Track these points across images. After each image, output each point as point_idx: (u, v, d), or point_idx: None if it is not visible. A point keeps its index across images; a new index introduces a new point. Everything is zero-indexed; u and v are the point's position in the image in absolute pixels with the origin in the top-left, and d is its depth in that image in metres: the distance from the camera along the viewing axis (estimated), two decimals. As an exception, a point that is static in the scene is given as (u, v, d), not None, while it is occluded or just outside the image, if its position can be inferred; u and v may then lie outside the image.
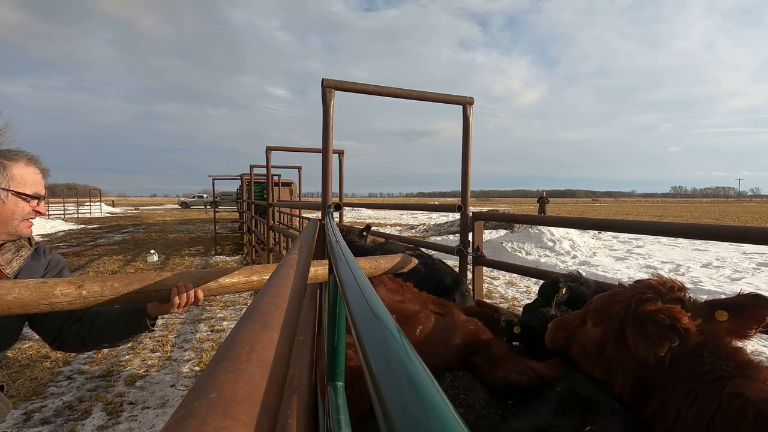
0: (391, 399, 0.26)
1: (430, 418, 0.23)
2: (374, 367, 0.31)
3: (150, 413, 3.55)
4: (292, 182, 15.32)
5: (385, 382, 0.28)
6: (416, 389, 0.26)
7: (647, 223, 1.93)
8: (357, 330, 0.40)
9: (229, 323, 5.88)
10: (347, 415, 0.84)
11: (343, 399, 0.91)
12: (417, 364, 0.30)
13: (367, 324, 0.41)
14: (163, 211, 47.42)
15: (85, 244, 15.20)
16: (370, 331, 0.39)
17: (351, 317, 0.46)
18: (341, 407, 0.87)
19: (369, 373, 0.31)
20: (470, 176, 2.94)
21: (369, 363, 0.32)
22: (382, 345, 0.35)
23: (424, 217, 29.61)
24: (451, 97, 2.84)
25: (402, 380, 0.28)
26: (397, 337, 0.36)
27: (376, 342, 0.36)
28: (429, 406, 0.24)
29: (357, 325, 0.42)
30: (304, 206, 7.16)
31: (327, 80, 2.44)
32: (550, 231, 12.13)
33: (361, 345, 0.37)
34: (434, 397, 0.25)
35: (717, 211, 44.73)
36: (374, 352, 0.34)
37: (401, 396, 0.26)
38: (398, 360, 0.31)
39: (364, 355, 0.34)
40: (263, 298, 0.71)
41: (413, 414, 0.24)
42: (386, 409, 0.25)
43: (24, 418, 3.44)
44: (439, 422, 0.22)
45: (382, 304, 0.48)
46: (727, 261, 10.25)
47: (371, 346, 0.35)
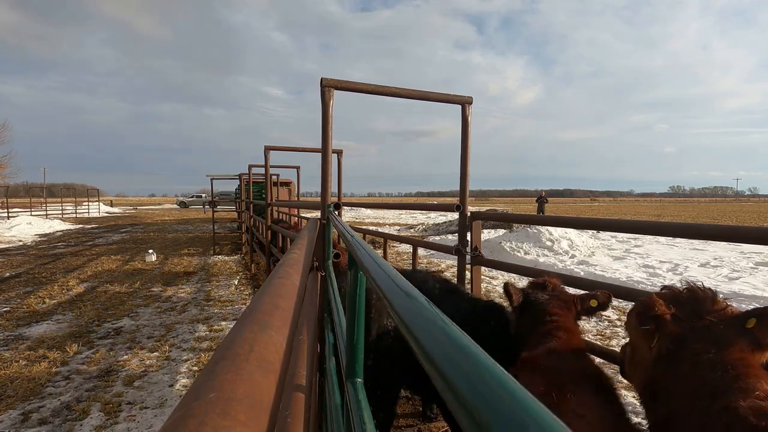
0: (437, 356, 0.31)
1: (474, 366, 0.28)
2: (418, 337, 0.36)
3: (148, 413, 3.54)
4: (290, 182, 15.30)
5: (430, 346, 0.34)
6: (457, 346, 0.31)
7: (645, 222, 1.94)
8: (396, 312, 0.46)
9: (228, 323, 5.87)
10: (369, 411, 0.83)
11: (363, 395, 0.90)
12: (451, 326, 0.36)
13: (404, 304, 0.46)
14: (162, 210, 47.33)
15: (83, 244, 15.16)
16: (408, 309, 0.44)
17: (388, 302, 0.51)
18: (363, 403, 0.86)
19: (415, 344, 0.36)
20: (469, 175, 2.94)
21: (413, 335, 0.37)
22: (420, 317, 0.40)
23: (423, 216, 29.61)
24: (450, 97, 2.84)
25: (443, 341, 0.33)
26: (430, 309, 0.41)
27: (415, 316, 0.41)
28: (470, 358, 0.29)
29: (395, 307, 0.47)
30: (302, 206, 7.15)
31: (326, 80, 2.44)
32: (549, 231, 12.14)
33: (403, 323, 0.42)
34: (473, 349, 0.30)
35: (715, 211, 44.84)
36: (415, 325, 0.39)
37: (445, 354, 0.31)
38: (437, 326, 0.37)
39: (409, 331, 0.39)
40: (263, 297, 0.71)
41: (459, 365, 0.29)
42: (436, 365, 0.30)
43: (22, 418, 3.42)
44: (483, 369, 0.27)
45: (411, 284, 0.53)
46: (725, 260, 10.28)
47: (412, 321, 0.40)
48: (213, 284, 8.35)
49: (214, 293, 7.60)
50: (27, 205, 33.47)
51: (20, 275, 9.34)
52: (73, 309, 6.55)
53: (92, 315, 6.23)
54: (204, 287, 8.11)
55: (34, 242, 15.97)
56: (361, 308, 0.92)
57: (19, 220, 20.97)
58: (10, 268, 10.21)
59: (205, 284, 8.38)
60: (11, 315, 6.22)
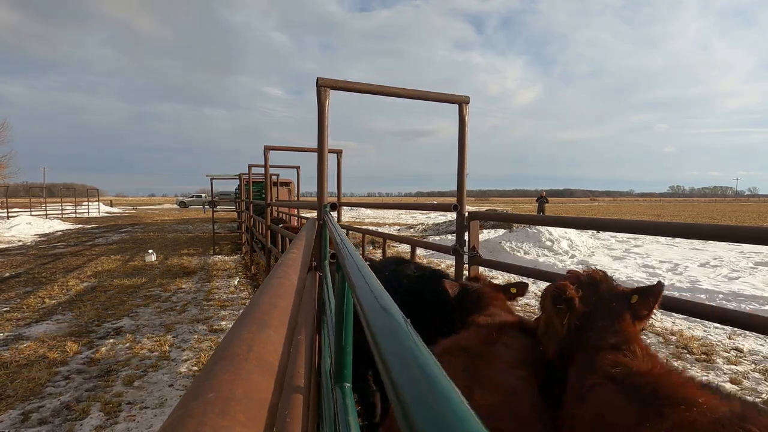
0: (403, 385, 0.29)
1: (441, 405, 0.25)
2: (386, 356, 0.35)
3: (148, 413, 3.54)
4: (290, 182, 15.30)
5: (396, 369, 0.31)
6: (424, 373, 0.30)
7: (644, 222, 1.94)
8: (368, 323, 0.44)
9: (228, 323, 5.87)
10: (356, 416, 0.84)
11: (350, 400, 0.90)
12: (423, 350, 0.34)
13: (377, 317, 0.45)
14: (162, 210, 47.31)
15: (83, 244, 15.15)
16: (380, 323, 0.43)
17: (362, 312, 0.49)
18: (350, 408, 0.87)
19: (381, 361, 0.34)
20: (466, 175, 2.94)
21: (381, 351, 0.36)
22: (393, 335, 0.38)
23: (422, 216, 29.61)
24: (448, 96, 2.84)
25: (411, 365, 0.31)
26: (404, 327, 0.40)
27: (387, 333, 0.39)
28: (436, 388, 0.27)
29: (368, 319, 0.45)
30: (302, 206, 7.14)
31: (322, 79, 2.44)
32: (549, 231, 12.14)
33: (372, 336, 0.40)
34: (439, 379, 0.29)
35: (715, 211, 44.85)
36: (385, 341, 0.37)
37: (412, 380, 0.29)
38: (407, 347, 0.35)
39: (376, 345, 0.38)
40: (262, 297, 0.71)
41: (424, 397, 0.27)
42: (398, 392, 0.28)
43: (22, 418, 3.43)
44: (452, 410, 0.25)
45: (390, 297, 0.51)
46: (725, 260, 10.28)
47: (382, 336, 0.39)
48: (213, 284, 8.35)
49: (213, 293, 7.60)
50: (27, 205, 33.46)
51: (20, 275, 9.34)
52: (73, 309, 6.55)
53: (92, 315, 6.23)
54: (204, 287, 8.11)
55: (33, 242, 15.97)
56: (349, 313, 0.91)
57: (19, 220, 20.97)
58: (9, 268, 10.21)
59: (205, 284, 8.38)
60: (11, 315, 6.22)
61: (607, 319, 1.26)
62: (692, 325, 5.68)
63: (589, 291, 1.35)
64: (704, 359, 4.62)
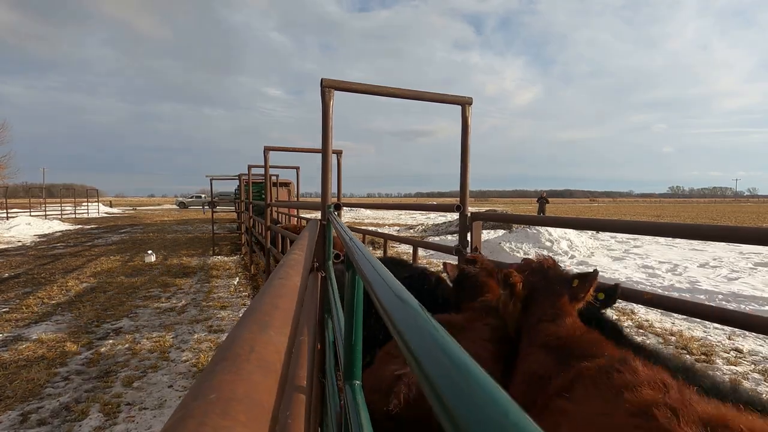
0: (427, 364, 0.31)
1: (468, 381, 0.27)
2: (410, 344, 0.36)
3: (147, 414, 3.53)
4: (290, 182, 15.29)
5: (422, 355, 0.33)
6: (448, 355, 0.31)
7: (644, 223, 1.94)
8: (389, 316, 0.45)
9: (227, 323, 5.87)
10: (367, 413, 0.83)
11: (361, 397, 0.90)
12: (443, 335, 0.35)
13: (397, 309, 0.46)
14: (161, 211, 47.30)
15: (83, 245, 15.14)
16: (401, 314, 0.44)
17: (381, 306, 0.51)
18: (360, 406, 0.86)
19: (406, 349, 0.36)
20: (469, 176, 2.94)
21: (405, 341, 0.37)
22: (413, 324, 0.40)
23: (422, 217, 29.62)
24: (450, 97, 2.84)
25: (434, 349, 0.33)
26: (423, 315, 0.41)
27: (408, 322, 0.41)
28: (460, 367, 0.29)
29: (388, 312, 0.47)
30: (302, 206, 7.13)
31: (326, 80, 2.44)
32: (548, 231, 12.15)
33: (395, 328, 0.42)
34: (463, 359, 0.30)
35: (714, 211, 44.89)
36: (408, 331, 0.39)
37: (436, 362, 0.31)
38: (427, 331, 0.36)
39: (400, 335, 0.39)
40: (263, 297, 0.71)
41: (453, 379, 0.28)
42: (432, 385, 0.29)
43: (21, 419, 3.42)
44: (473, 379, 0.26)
45: (405, 289, 0.52)
46: (725, 261, 10.29)
47: (405, 327, 0.40)
48: (212, 285, 8.35)
49: (213, 294, 7.59)
50: (26, 205, 33.44)
51: (19, 276, 9.33)
52: (72, 310, 6.55)
53: (91, 316, 6.22)
54: (203, 288, 8.11)
55: (33, 243, 15.95)
56: (359, 310, 0.91)
57: (18, 220, 20.95)
58: (9, 269, 10.20)
59: (205, 285, 8.38)
60: (10, 316, 6.22)
61: (549, 298, 1.50)
62: (692, 326, 5.68)
63: (538, 276, 1.59)
64: (704, 360, 4.62)
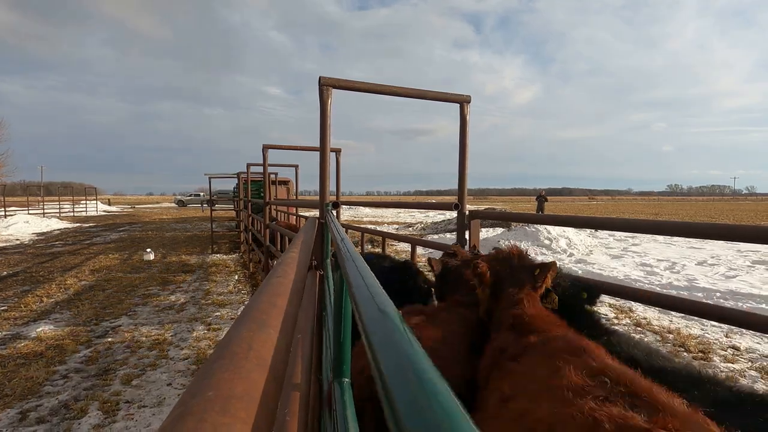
0: (398, 393, 0.27)
1: (435, 411, 0.24)
2: (381, 362, 0.33)
3: (146, 412, 3.54)
4: (289, 180, 15.28)
5: (393, 376, 0.30)
6: (422, 381, 0.28)
7: (642, 221, 1.94)
8: (364, 325, 0.42)
9: (226, 322, 5.87)
10: (354, 411, 0.84)
11: (349, 395, 0.91)
12: (422, 358, 0.31)
13: (374, 320, 0.43)
14: (160, 209, 47.23)
15: (81, 243, 15.12)
16: (377, 327, 0.41)
17: (358, 314, 0.47)
18: (347, 403, 0.87)
19: (376, 368, 0.32)
20: (467, 174, 2.94)
21: (376, 358, 0.34)
22: (390, 340, 0.36)
23: (421, 215, 29.63)
24: (449, 96, 2.84)
25: (409, 374, 0.29)
26: (402, 332, 0.38)
27: (384, 337, 0.37)
28: (434, 398, 0.25)
29: (364, 321, 0.43)
30: (300, 204, 7.14)
31: (324, 78, 2.43)
32: (547, 229, 12.16)
33: (368, 340, 0.38)
34: (439, 387, 0.27)
35: (712, 209, 44.98)
36: (381, 347, 0.35)
37: (408, 389, 0.27)
38: (406, 354, 0.33)
39: (371, 350, 0.36)
40: (261, 296, 0.71)
41: (420, 406, 0.25)
42: (393, 403, 0.26)
43: (20, 417, 3.42)
44: (447, 417, 0.23)
45: (389, 299, 0.49)
46: (722, 259, 10.32)
47: (379, 342, 0.37)
48: (211, 283, 8.35)
49: (212, 292, 7.59)
50: (24, 203, 33.36)
51: (17, 274, 9.31)
52: (71, 308, 6.54)
53: (90, 314, 6.22)
54: (202, 286, 8.11)
55: (31, 241, 15.93)
56: (348, 309, 0.92)
57: (17, 218, 20.91)
58: (7, 267, 10.18)
59: (204, 283, 8.38)
60: (9, 314, 6.21)
61: (514, 285, 1.69)
62: (689, 324, 5.70)
63: (504, 265, 1.78)
64: (701, 357, 4.64)
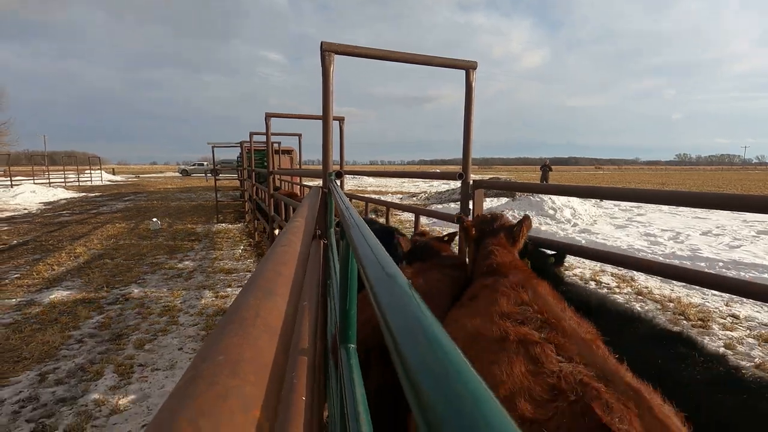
0: (406, 349, 0.29)
1: (445, 366, 0.25)
2: (391, 322, 0.34)
3: (159, 374, 3.68)
4: (292, 150, 15.18)
5: (402, 335, 0.31)
6: (430, 340, 0.29)
7: (647, 191, 1.92)
8: (372, 289, 0.44)
9: (233, 289, 6.00)
10: (360, 374, 0.87)
11: (355, 360, 0.94)
12: (429, 317, 0.33)
13: (382, 283, 0.44)
14: (164, 179, 47.30)
15: (88, 212, 15.27)
16: (384, 289, 0.42)
17: (366, 278, 0.49)
18: (354, 367, 0.90)
19: (386, 328, 0.34)
20: (472, 143, 2.90)
21: (386, 319, 0.35)
22: (397, 301, 0.38)
23: (425, 185, 29.51)
24: (454, 62, 2.76)
25: (417, 331, 0.31)
26: (408, 293, 0.39)
27: (391, 299, 0.39)
28: (443, 354, 0.27)
29: (372, 284, 0.45)
30: (304, 174, 7.12)
31: (326, 43, 2.37)
32: (551, 199, 12.11)
33: (377, 303, 0.40)
34: (447, 346, 0.28)
35: (721, 179, 44.42)
36: (390, 308, 0.37)
37: (416, 345, 0.29)
38: (413, 314, 0.34)
39: (381, 312, 0.38)
40: (267, 264, 0.72)
41: (429, 363, 0.26)
42: (404, 359, 0.28)
43: (39, 378, 3.58)
44: (454, 370, 0.25)
45: (394, 263, 0.51)
46: (728, 229, 10.28)
47: (387, 303, 0.38)
48: (217, 252, 8.47)
49: (218, 261, 7.71)
50: (29, 173, 33.48)
51: (28, 243, 9.47)
52: (82, 276, 6.69)
53: (101, 282, 6.37)
54: (209, 255, 8.23)
55: (38, 210, 16.10)
56: (353, 276, 0.93)
57: (23, 188, 21.06)
58: (17, 236, 10.35)
59: (210, 252, 8.50)
60: (22, 282, 6.37)
61: (493, 239, 2.00)
62: (690, 293, 5.76)
63: (486, 224, 2.11)
64: (700, 325, 4.71)
